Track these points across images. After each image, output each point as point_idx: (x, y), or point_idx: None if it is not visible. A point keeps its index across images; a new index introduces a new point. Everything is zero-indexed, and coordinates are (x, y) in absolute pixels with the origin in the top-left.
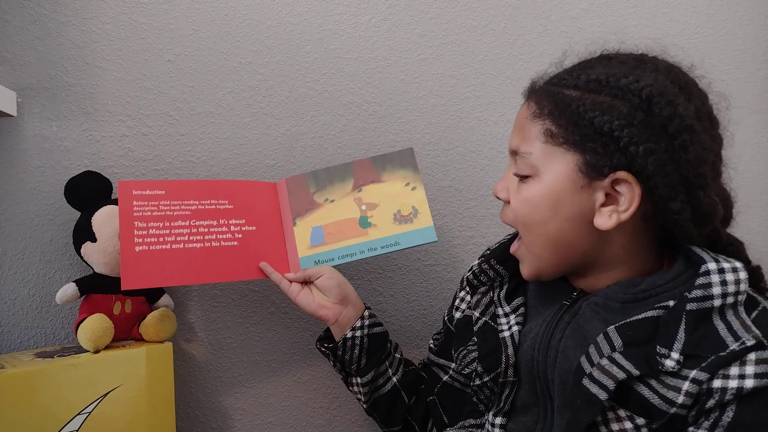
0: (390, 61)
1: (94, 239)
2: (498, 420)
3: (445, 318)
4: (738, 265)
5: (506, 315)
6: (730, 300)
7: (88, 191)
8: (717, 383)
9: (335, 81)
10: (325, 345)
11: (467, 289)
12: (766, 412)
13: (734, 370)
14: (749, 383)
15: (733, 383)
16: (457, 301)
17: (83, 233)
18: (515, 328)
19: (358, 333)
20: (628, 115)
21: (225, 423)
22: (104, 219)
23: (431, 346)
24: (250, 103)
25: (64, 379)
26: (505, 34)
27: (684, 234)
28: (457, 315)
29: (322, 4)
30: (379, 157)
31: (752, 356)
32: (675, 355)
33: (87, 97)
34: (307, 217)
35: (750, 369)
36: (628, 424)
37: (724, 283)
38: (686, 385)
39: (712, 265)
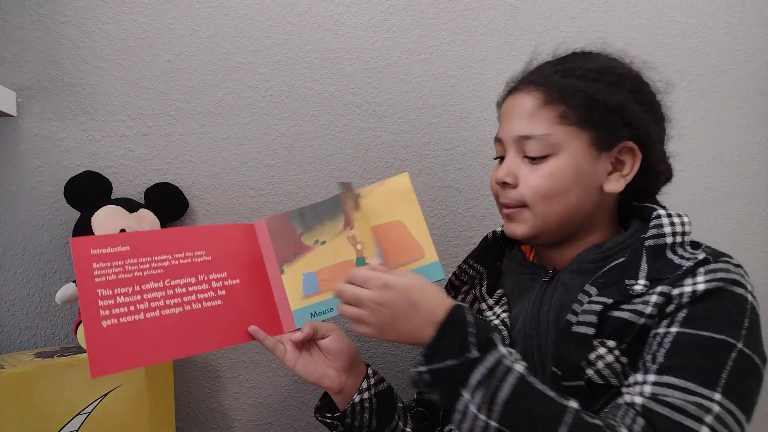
0: (390, 61)
1: None
2: None
3: None
4: (682, 212)
5: (491, 307)
6: (678, 239)
7: (88, 191)
8: (676, 291)
9: (335, 81)
10: (328, 415)
11: (452, 293)
12: (715, 307)
13: (689, 280)
14: (701, 286)
15: (688, 288)
16: None
17: (83, 233)
18: (504, 315)
19: (366, 395)
20: (629, 97)
21: (225, 423)
22: (104, 219)
23: None
24: (250, 103)
25: (64, 379)
26: (505, 34)
27: (652, 192)
28: None
29: (322, 4)
30: (372, 187)
31: (702, 269)
32: (642, 281)
33: (87, 96)
34: (296, 263)
35: (701, 278)
36: (602, 350)
37: (672, 224)
38: (654, 298)
39: (661, 211)
